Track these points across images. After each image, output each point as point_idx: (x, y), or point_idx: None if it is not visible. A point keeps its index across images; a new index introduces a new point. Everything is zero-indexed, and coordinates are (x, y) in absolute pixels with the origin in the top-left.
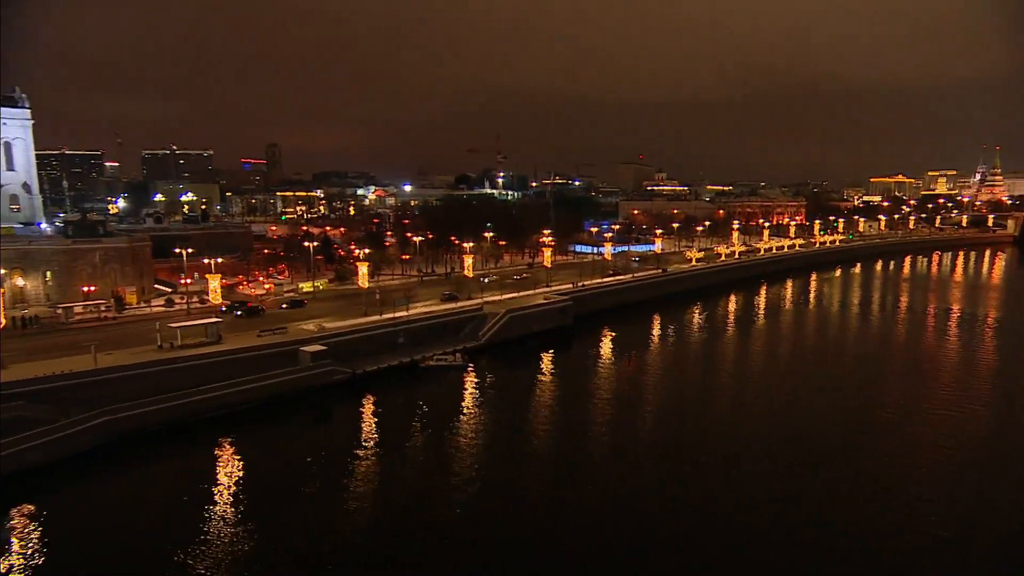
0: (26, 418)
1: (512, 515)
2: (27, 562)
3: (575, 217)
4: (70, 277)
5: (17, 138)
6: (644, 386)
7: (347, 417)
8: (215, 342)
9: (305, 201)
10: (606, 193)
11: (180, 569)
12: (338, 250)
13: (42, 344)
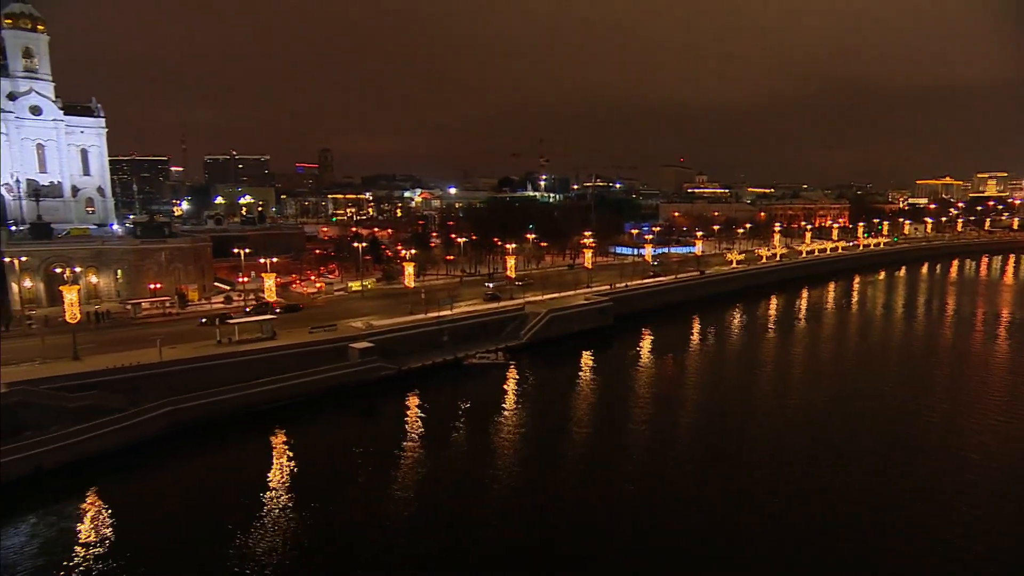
0: (99, 406)
1: (550, 511)
2: (99, 541)
3: (616, 219)
4: (139, 275)
5: (93, 145)
6: (683, 386)
7: (393, 412)
8: (270, 338)
9: (355, 203)
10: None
11: (235, 550)
12: (385, 250)
13: (113, 338)
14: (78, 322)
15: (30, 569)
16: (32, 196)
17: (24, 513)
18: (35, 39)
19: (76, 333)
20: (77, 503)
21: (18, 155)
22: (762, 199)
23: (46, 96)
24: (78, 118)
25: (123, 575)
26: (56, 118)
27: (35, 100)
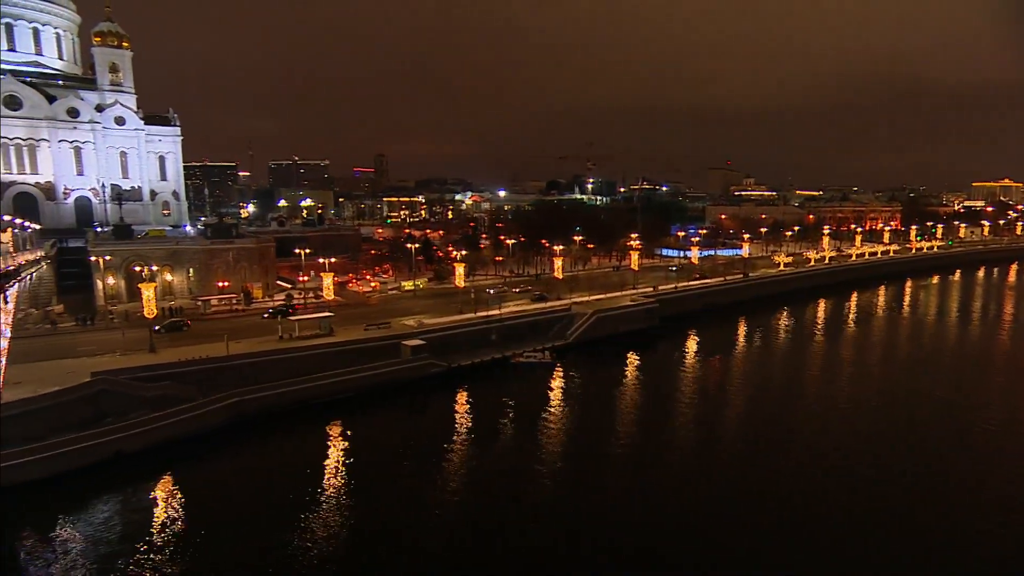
0: (172, 396)
1: (595, 509)
2: (171, 521)
3: (662, 221)
4: (208, 273)
5: (169, 152)
6: (728, 388)
7: (443, 407)
8: (328, 334)
9: (408, 206)
10: (693, 198)
11: (290, 534)
12: (437, 251)
13: (185, 332)
14: (154, 317)
15: (113, 544)
16: (115, 199)
17: (107, 493)
18: (120, 55)
19: (152, 327)
20: (153, 486)
21: (104, 162)
22: (810, 202)
23: (129, 107)
24: (157, 127)
25: (191, 552)
26: (138, 128)
27: (119, 111)
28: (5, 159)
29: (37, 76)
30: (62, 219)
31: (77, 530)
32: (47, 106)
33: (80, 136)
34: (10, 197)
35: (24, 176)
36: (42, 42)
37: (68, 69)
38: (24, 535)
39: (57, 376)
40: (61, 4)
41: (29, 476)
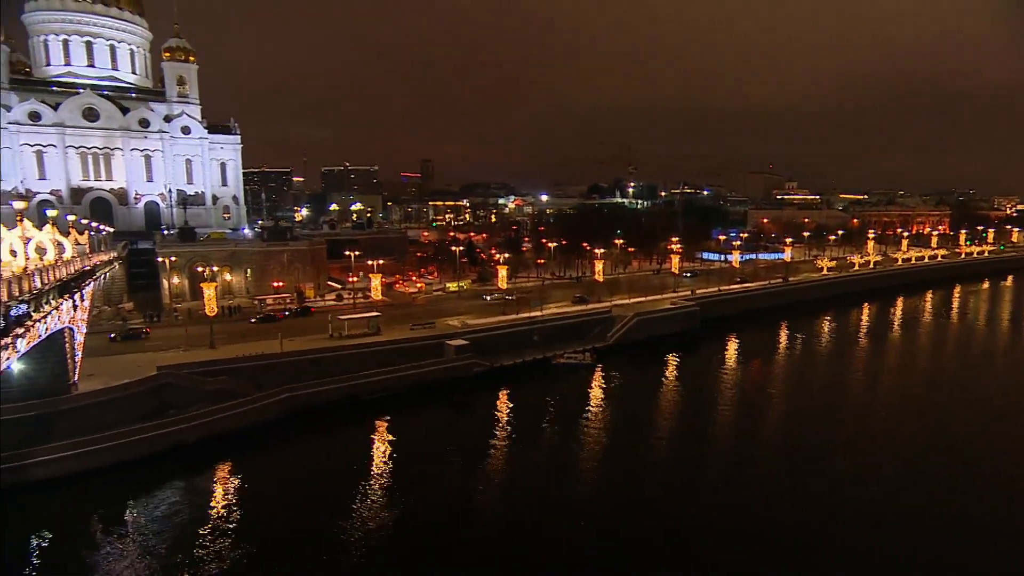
0: (229, 390)
1: (632, 509)
2: (228, 507)
3: (703, 225)
4: (264, 274)
5: (230, 159)
6: (768, 393)
7: (485, 406)
8: (375, 333)
9: (453, 210)
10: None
11: (335, 524)
12: (480, 254)
13: (242, 329)
14: (215, 315)
15: (176, 528)
16: (180, 204)
17: (170, 481)
18: (187, 69)
19: (213, 324)
20: (211, 475)
21: (171, 169)
22: (855, 206)
23: (194, 118)
24: (219, 136)
25: (246, 537)
26: (202, 136)
27: (185, 121)
28: (84, 167)
29: (113, 90)
30: (133, 222)
31: (144, 514)
32: (121, 117)
33: (150, 145)
34: (88, 202)
35: (100, 183)
36: (118, 58)
37: (140, 83)
38: (97, 518)
39: (126, 369)
40: (135, 23)
41: (101, 463)
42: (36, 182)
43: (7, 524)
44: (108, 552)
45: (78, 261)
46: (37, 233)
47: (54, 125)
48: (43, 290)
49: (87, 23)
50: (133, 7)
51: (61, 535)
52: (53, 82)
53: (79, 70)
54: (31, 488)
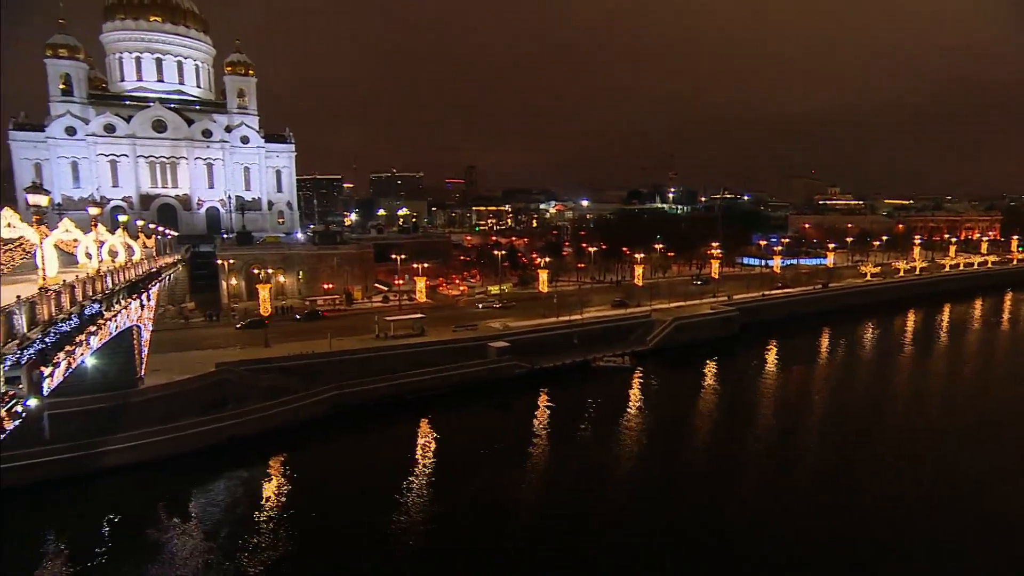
0: (282, 387)
1: (668, 511)
2: (278, 499)
3: (743, 230)
4: (315, 276)
5: (285, 167)
6: (809, 400)
7: (525, 407)
8: (420, 334)
9: (495, 215)
10: (775, 207)
11: (379, 517)
12: (521, 258)
13: (295, 329)
14: (269, 315)
15: (231, 516)
16: (239, 209)
17: (227, 472)
18: (247, 82)
19: (266, 325)
20: (265, 467)
21: (230, 176)
22: (900, 211)
23: (253, 128)
24: (275, 145)
25: (296, 528)
26: (259, 145)
27: (245, 131)
28: (152, 175)
29: (179, 103)
30: (195, 227)
31: (204, 502)
32: (186, 128)
33: (212, 154)
34: (155, 208)
35: (167, 189)
36: (184, 73)
37: (204, 95)
38: (162, 504)
39: (187, 365)
40: (201, 40)
41: (165, 453)
42: (110, 189)
43: (84, 507)
44: (172, 536)
45: (146, 263)
46: (110, 237)
47: (127, 136)
48: (114, 290)
49: (158, 41)
50: (199, 26)
51: (130, 519)
52: (126, 96)
53: (150, 85)
54: (104, 474)
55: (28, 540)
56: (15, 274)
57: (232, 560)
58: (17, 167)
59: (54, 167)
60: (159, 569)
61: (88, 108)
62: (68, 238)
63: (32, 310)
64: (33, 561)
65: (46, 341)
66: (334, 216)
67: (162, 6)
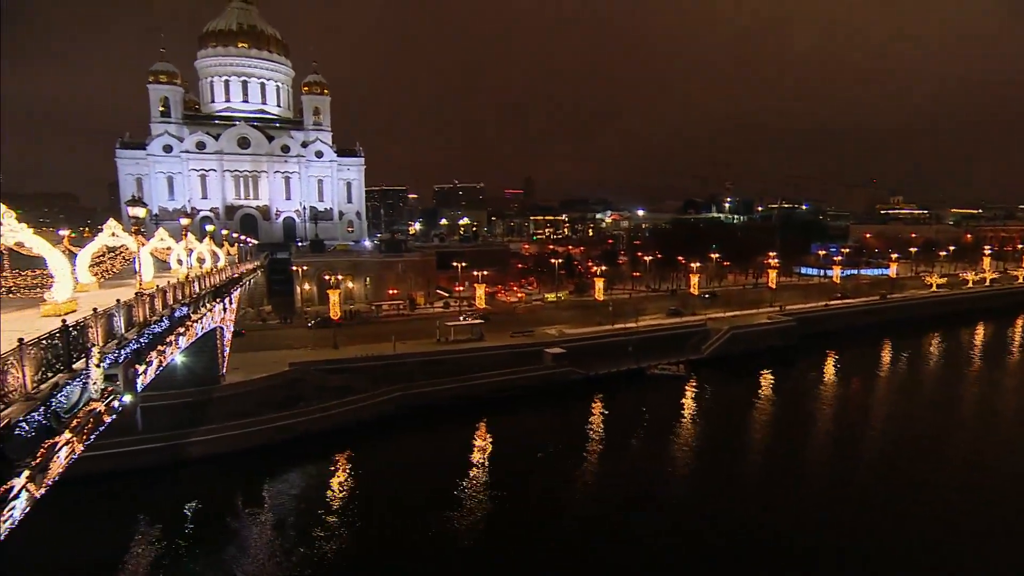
0: (349, 387)
1: (723, 522)
2: (345, 493)
3: (801, 240)
4: (381, 282)
5: (355, 179)
6: (868, 414)
7: (581, 413)
8: (479, 339)
9: (552, 224)
10: (835, 217)
11: (440, 513)
12: (578, 266)
13: (361, 332)
14: (339, 318)
15: (301, 507)
16: (312, 219)
17: (299, 465)
18: (322, 100)
19: (336, 327)
20: (334, 462)
21: (305, 188)
22: (968, 220)
23: (326, 143)
24: (346, 158)
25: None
26: (332, 159)
27: (319, 147)
28: (236, 188)
29: (261, 121)
30: (273, 235)
31: (278, 493)
32: (267, 144)
33: (289, 168)
34: (238, 218)
35: (248, 201)
36: (267, 94)
37: (283, 114)
38: (239, 493)
39: (264, 365)
40: (282, 63)
41: (242, 445)
42: (199, 201)
43: (171, 494)
44: (246, 524)
45: (229, 269)
46: (198, 245)
47: (215, 153)
48: (201, 294)
49: (244, 65)
50: (280, 50)
51: (211, 506)
52: (216, 116)
53: (236, 105)
54: (189, 464)
55: (123, 521)
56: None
57: (298, 549)
58: (122, 182)
59: (153, 181)
60: (233, 554)
61: (183, 128)
62: (162, 246)
63: (129, 313)
64: (126, 540)
65: (140, 341)
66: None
67: (248, 34)
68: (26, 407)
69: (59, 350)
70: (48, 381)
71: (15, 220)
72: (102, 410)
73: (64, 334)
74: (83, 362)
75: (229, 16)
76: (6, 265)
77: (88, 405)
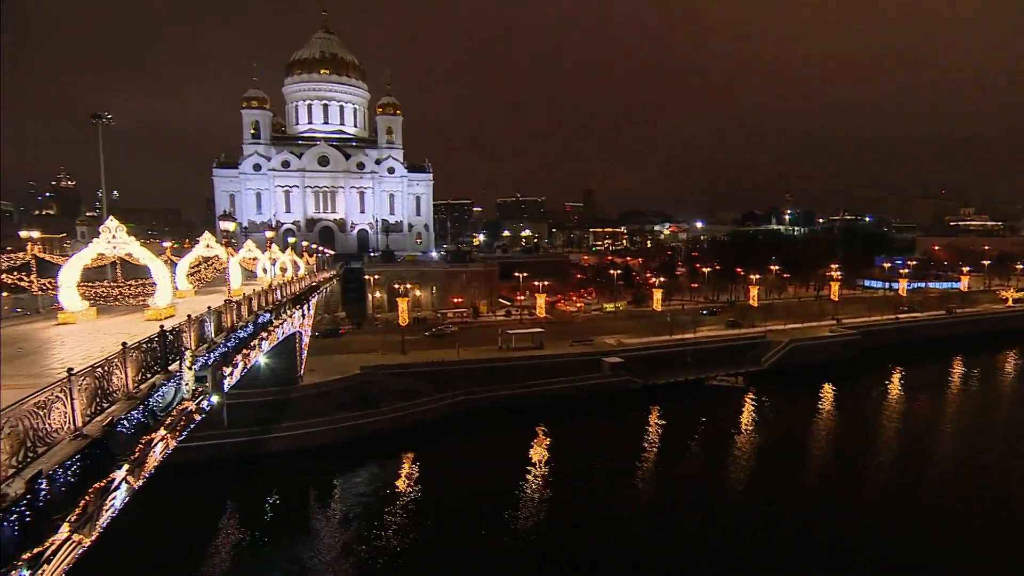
0: (415, 390)
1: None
2: (410, 489)
3: (865, 252)
4: (446, 291)
5: (423, 193)
6: (934, 432)
7: (638, 421)
8: (539, 347)
9: (611, 236)
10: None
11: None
12: (636, 277)
13: (427, 338)
14: (406, 325)
15: (368, 502)
16: (384, 231)
17: (368, 462)
18: (394, 120)
19: (404, 333)
20: (400, 461)
21: (378, 202)
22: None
23: (398, 160)
24: (415, 174)
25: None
26: (403, 175)
27: (391, 163)
28: (316, 202)
29: (339, 140)
30: (348, 246)
31: (347, 487)
32: (344, 162)
33: (364, 184)
34: (317, 230)
35: (326, 214)
36: (344, 115)
37: (359, 133)
38: (312, 487)
39: (337, 368)
40: (359, 87)
41: (316, 442)
42: (283, 214)
43: (251, 484)
44: (319, 516)
45: (308, 278)
46: (281, 256)
47: (298, 170)
48: (282, 302)
49: (326, 90)
50: (358, 75)
51: (287, 498)
52: (299, 137)
53: (317, 126)
54: (268, 458)
55: (208, 508)
56: (209, 286)
57: (365, 542)
58: (217, 197)
59: (244, 197)
60: (305, 544)
61: (270, 148)
62: (249, 256)
63: (218, 319)
64: (212, 525)
65: (227, 345)
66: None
67: (330, 61)
68: (127, 405)
69: (157, 353)
70: (147, 382)
71: (125, 233)
72: (193, 409)
73: (161, 339)
74: (177, 364)
75: (313, 46)
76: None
77: (181, 404)
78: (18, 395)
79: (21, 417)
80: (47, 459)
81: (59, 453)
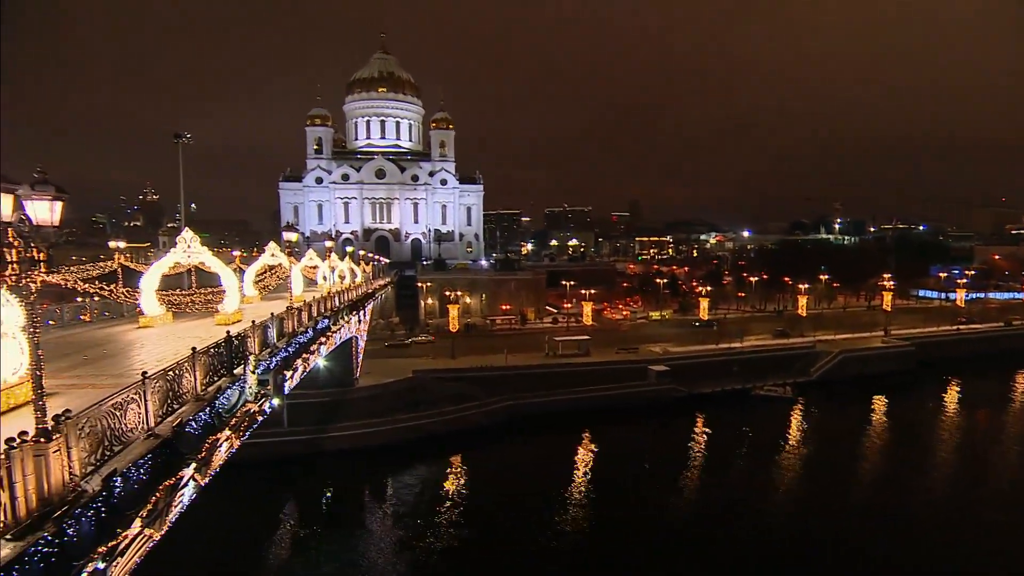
0: (464, 394)
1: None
2: (458, 491)
3: (919, 262)
4: (495, 298)
5: (474, 204)
6: (993, 449)
7: (683, 430)
8: (585, 355)
9: (657, 245)
10: (957, 238)
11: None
12: (682, 286)
13: (477, 344)
14: (456, 331)
15: (419, 501)
16: (436, 240)
17: (420, 463)
18: (447, 134)
19: (454, 339)
20: (450, 462)
21: (430, 213)
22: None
23: (450, 172)
24: (467, 186)
25: (469, 516)
26: (455, 187)
27: (444, 176)
28: (373, 213)
29: (395, 154)
30: (403, 255)
31: (400, 486)
32: (399, 175)
33: (418, 195)
34: (374, 239)
35: (382, 224)
36: (400, 130)
37: (413, 147)
38: (366, 485)
39: (391, 371)
40: (414, 103)
41: (371, 443)
42: (342, 225)
43: (310, 482)
44: (372, 513)
45: (364, 285)
46: (340, 264)
47: (356, 183)
48: (340, 308)
49: (383, 107)
50: (413, 92)
51: (342, 495)
52: (358, 152)
53: (375, 141)
54: (326, 456)
55: (269, 503)
56: (274, 293)
57: (416, 540)
58: (283, 209)
59: (306, 209)
60: (360, 540)
61: (332, 162)
62: (310, 264)
63: (280, 324)
64: (272, 517)
65: (288, 350)
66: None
67: (387, 80)
68: (196, 407)
69: (223, 357)
70: (213, 384)
71: (199, 243)
72: (256, 411)
73: (228, 344)
74: (241, 368)
75: (372, 66)
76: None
77: (244, 406)
78: (102, 394)
79: (100, 417)
80: (122, 457)
81: (133, 452)
